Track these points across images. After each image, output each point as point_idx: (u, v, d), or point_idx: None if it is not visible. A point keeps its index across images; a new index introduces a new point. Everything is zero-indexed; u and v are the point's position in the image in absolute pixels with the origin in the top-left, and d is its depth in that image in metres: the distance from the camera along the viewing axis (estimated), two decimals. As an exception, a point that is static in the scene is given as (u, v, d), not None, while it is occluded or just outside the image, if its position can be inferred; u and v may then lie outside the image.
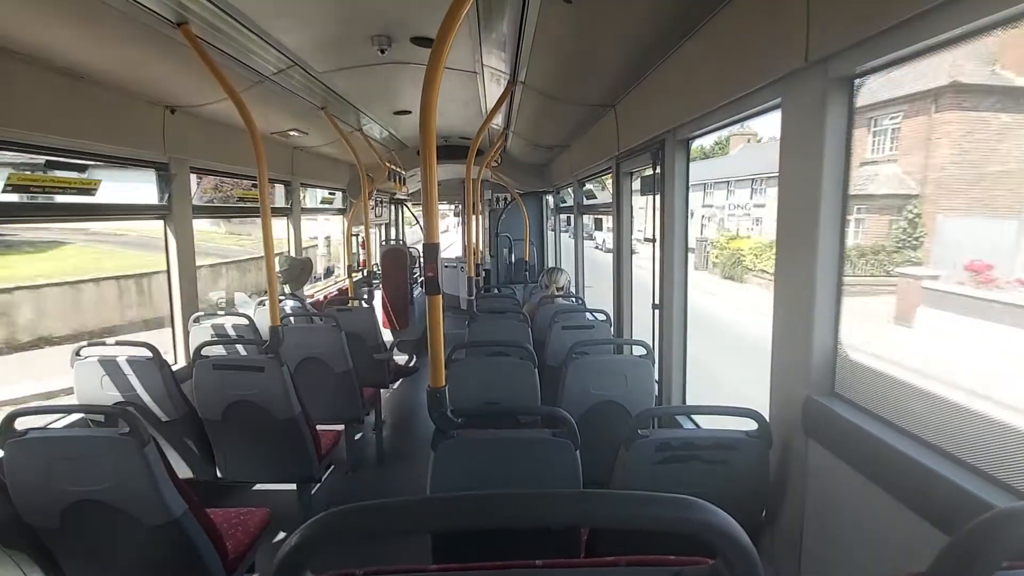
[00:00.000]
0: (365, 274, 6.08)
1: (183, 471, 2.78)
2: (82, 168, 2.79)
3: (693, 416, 2.53)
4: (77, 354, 2.63)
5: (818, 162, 1.48)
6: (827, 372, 1.57)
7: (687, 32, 2.12)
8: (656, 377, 2.71)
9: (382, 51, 2.89)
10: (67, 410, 2.38)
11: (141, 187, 3.27)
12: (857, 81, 1.44)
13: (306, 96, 3.57)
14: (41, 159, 2.56)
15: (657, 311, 3.05)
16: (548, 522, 0.54)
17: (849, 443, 1.42)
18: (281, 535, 3.10)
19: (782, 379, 1.72)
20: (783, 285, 1.69)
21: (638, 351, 2.65)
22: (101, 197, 2.90)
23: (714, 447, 1.60)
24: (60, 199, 2.69)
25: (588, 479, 1.70)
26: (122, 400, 2.62)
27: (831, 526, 1.50)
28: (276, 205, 5.08)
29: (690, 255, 2.86)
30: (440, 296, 1.68)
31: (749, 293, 16.03)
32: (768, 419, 1.66)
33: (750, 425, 1.64)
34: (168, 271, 3.50)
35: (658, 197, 2.91)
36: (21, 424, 1.76)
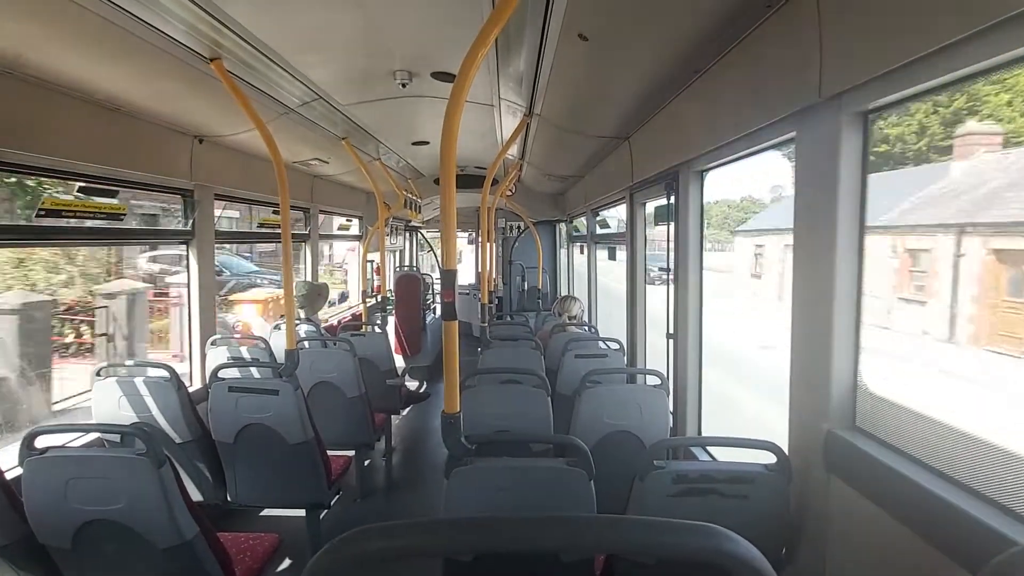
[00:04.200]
0: (379, 300, 6.14)
1: (194, 493, 2.78)
2: (112, 194, 2.89)
3: (709, 448, 2.48)
4: (97, 374, 2.67)
5: (833, 195, 1.49)
6: (847, 405, 1.54)
7: (701, 67, 2.17)
8: (671, 408, 2.67)
9: (403, 85, 3.00)
10: (85, 429, 2.40)
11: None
12: (872, 116, 1.46)
13: (328, 127, 3.70)
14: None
15: (671, 341, 3.03)
16: (579, 548, 0.53)
17: (873, 479, 1.38)
18: (287, 561, 3.05)
19: (801, 412, 1.69)
20: (800, 317, 1.68)
21: (652, 380, 2.62)
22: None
23: (732, 480, 1.56)
24: (90, 224, 2.79)
25: (601, 510, 1.66)
26: (138, 421, 2.64)
27: (854, 565, 1.45)
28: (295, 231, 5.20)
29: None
30: (456, 322, 1.69)
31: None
32: (787, 452, 1.62)
33: (768, 458, 1.60)
34: (188, 295, 3.57)
35: (672, 228, 2.93)
36: (40, 443, 1.78)
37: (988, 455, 1.18)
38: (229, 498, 2.84)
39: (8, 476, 1.83)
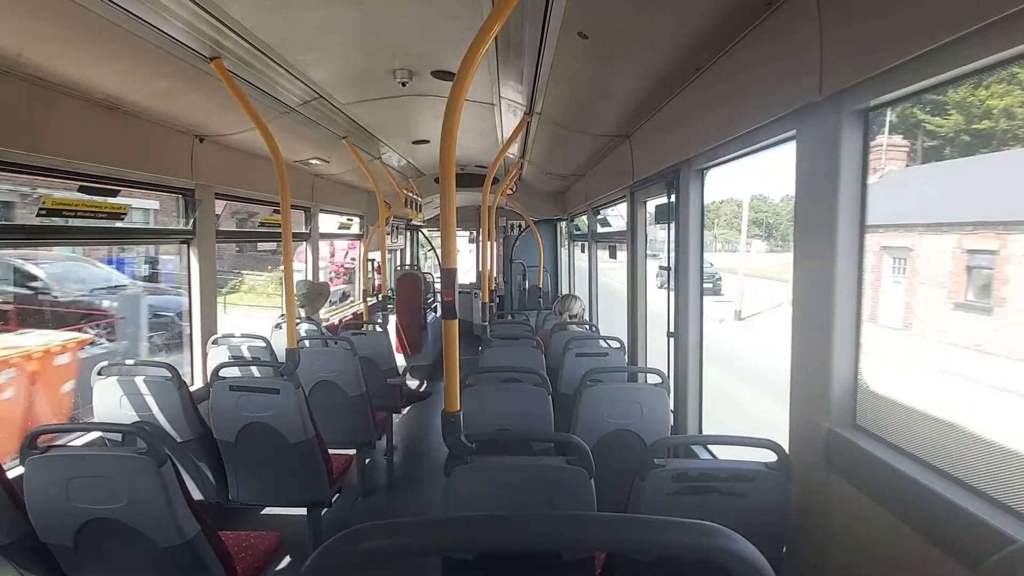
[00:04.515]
0: (380, 299, 6.15)
1: (195, 492, 2.78)
2: (113, 193, 2.89)
3: (709, 446, 2.48)
4: (98, 373, 2.68)
5: (833, 193, 1.49)
6: (848, 403, 1.54)
7: (701, 65, 2.17)
8: (671, 406, 2.67)
9: (403, 84, 3.00)
10: (86, 428, 2.41)
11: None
12: (872, 114, 1.46)
13: (329, 126, 3.70)
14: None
15: (672, 339, 3.03)
16: (580, 546, 0.53)
17: (873, 478, 1.38)
18: (287, 560, 3.06)
19: (801, 410, 1.69)
20: (800, 315, 1.68)
21: (653, 379, 2.62)
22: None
23: (732, 479, 1.56)
24: (91, 223, 2.79)
25: (602, 508, 1.66)
26: (139, 420, 2.65)
27: (855, 564, 1.45)
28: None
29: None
30: (456, 321, 1.69)
31: None
32: (787, 451, 1.62)
33: (768, 456, 1.60)
34: (189, 293, 3.57)
35: (673, 226, 2.93)
36: (42, 442, 1.79)
37: (988, 453, 1.18)
38: (230, 497, 2.84)
39: (10, 475, 1.84)
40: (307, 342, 3.77)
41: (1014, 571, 0.47)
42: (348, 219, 6.59)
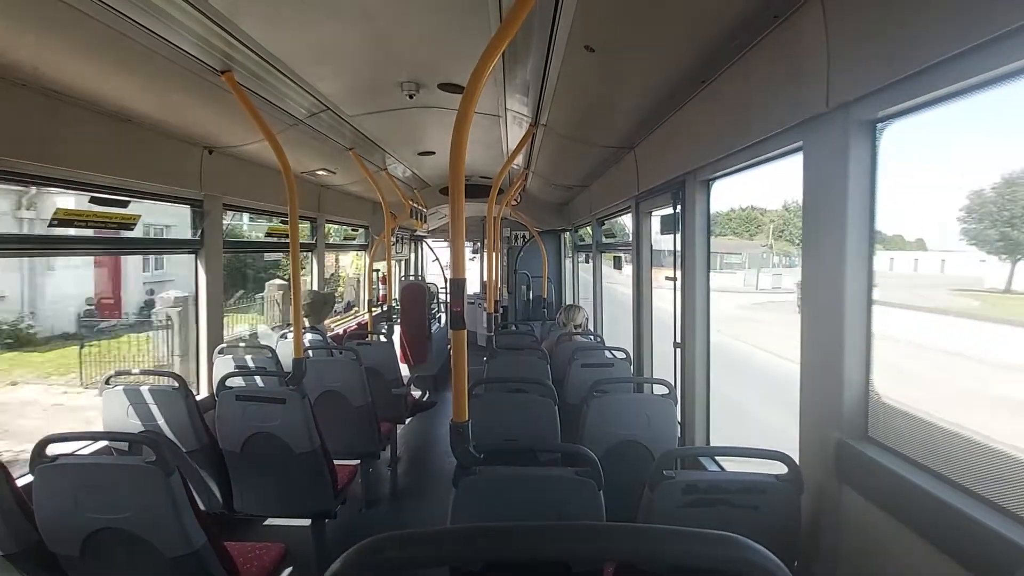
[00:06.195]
0: (385, 309, 6.15)
1: (199, 502, 2.77)
2: (123, 204, 2.92)
3: (718, 458, 2.46)
4: (106, 382, 2.68)
5: (842, 204, 1.49)
6: (859, 414, 1.53)
7: (708, 77, 2.18)
8: (679, 417, 2.65)
9: (410, 96, 3.03)
10: (95, 437, 2.41)
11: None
12: (880, 125, 1.46)
13: (336, 138, 3.74)
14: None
15: (678, 350, 3.02)
16: (614, 556, 0.53)
17: (886, 490, 1.36)
18: (291, 571, 3.03)
19: (812, 421, 1.68)
20: (811, 325, 1.68)
21: (659, 390, 2.61)
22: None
23: (743, 491, 1.55)
24: (101, 233, 2.81)
25: (610, 520, 1.65)
26: (145, 429, 2.65)
27: None
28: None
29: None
30: (465, 331, 1.69)
31: None
32: (798, 462, 1.61)
33: (778, 468, 1.59)
34: (196, 303, 3.59)
35: (679, 237, 2.93)
36: (51, 451, 1.79)
37: (1007, 465, 1.16)
38: (235, 507, 2.83)
39: (19, 483, 1.84)
40: (312, 352, 3.77)
41: None
42: (353, 229, 6.62)
